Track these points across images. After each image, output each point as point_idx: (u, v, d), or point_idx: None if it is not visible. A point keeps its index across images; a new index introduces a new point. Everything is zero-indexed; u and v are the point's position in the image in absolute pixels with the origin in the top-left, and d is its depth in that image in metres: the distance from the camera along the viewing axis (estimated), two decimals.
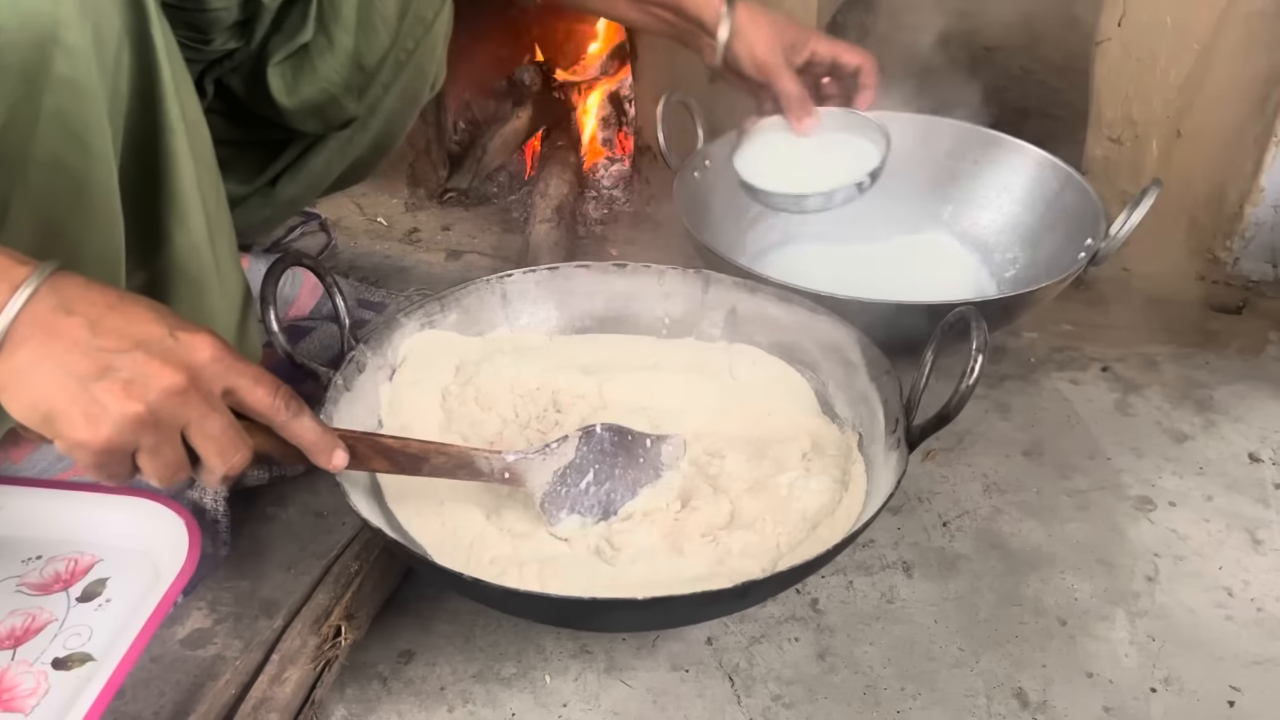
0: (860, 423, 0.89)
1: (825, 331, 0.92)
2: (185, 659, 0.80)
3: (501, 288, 0.96)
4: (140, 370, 0.56)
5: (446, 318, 0.94)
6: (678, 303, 0.98)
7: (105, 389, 0.55)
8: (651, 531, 0.78)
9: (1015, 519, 0.95)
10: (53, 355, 0.55)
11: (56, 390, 0.55)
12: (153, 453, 0.58)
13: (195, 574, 0.82)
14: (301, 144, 0.98)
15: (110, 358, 0.56)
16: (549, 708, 0.76)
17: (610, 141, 1.52)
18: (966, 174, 1.27)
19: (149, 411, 0.56)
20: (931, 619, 0.85)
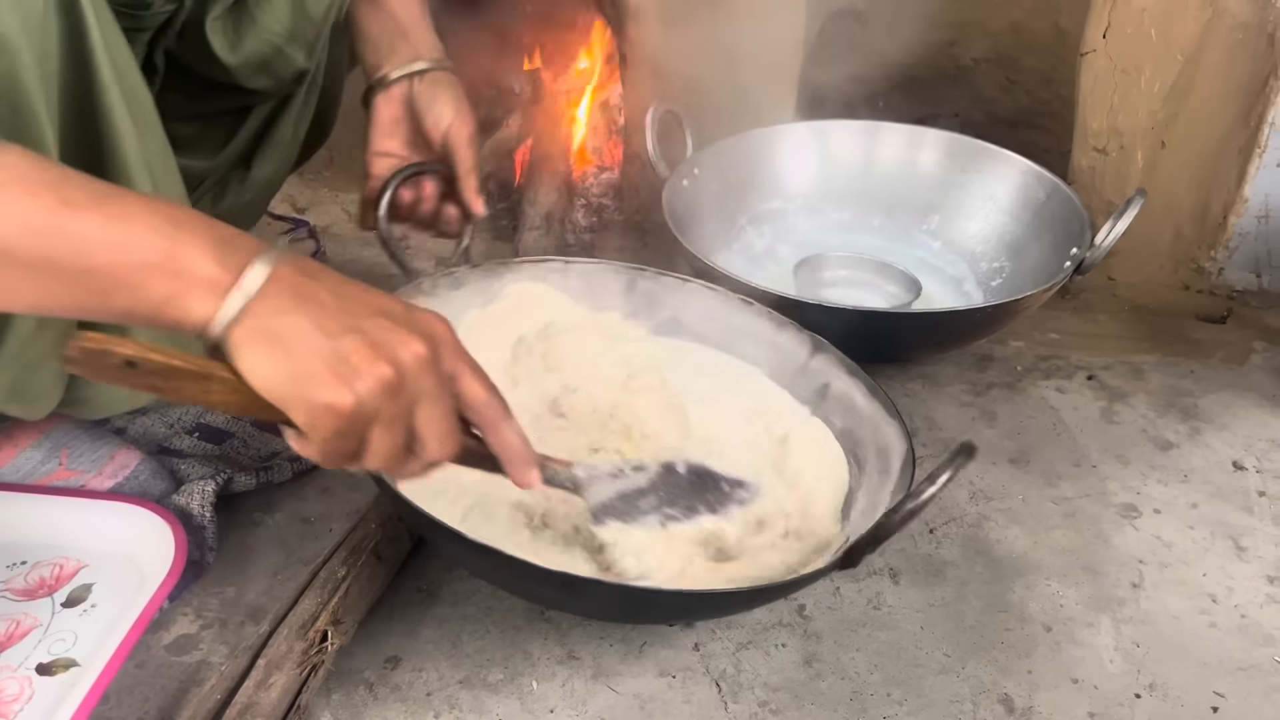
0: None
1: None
2: (170, 665, 0.79)
3: (629, 277, 0.98)
4: (387, 335, 0.56)
5: (566, 281, 0.97)
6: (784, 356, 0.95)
7: (355, 348, 0.55)
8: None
9: (1001, 526, 0.95)
10: (304, 313, 0.55)
11: (307, 348, 0.54)
12: (388, 427, 0.57)
13: (181, 580, 0.81)
14: (263, 112, 0.96)
15: (358, 320, 0.56)
16: (535, 713, 0.76)
17: (600, 150, 1.52)
18: (953, 184, 1.28)
19: (396, 376, 0.56)
20: (918, 625, 0.85)
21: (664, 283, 0.98)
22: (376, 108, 0.93)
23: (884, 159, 1.32)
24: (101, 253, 0.53)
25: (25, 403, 0.78)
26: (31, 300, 0.55)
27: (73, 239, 0.52)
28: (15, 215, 0.52)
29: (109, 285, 0.53)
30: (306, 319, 0.55)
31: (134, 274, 0.53)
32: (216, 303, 0.54)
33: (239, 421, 1.00)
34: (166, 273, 0.53)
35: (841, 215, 1.32)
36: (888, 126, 1.31)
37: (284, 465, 0.95)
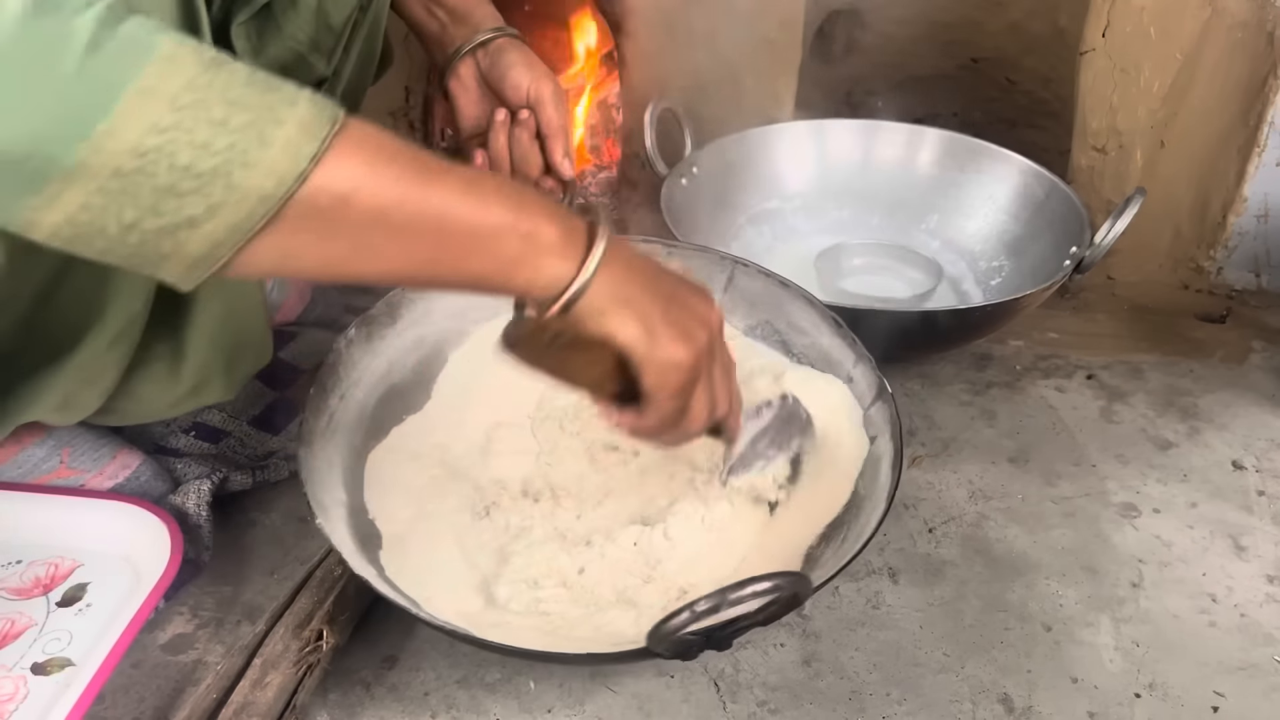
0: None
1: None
2: (166, 664, 0.79)
3: (731, 271, 0.98)
4: (692, 304, 0.64)
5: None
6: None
7: (681, 315, 0.62)
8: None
9: (1001, 525, 0.95)
10: (640, 283, 0.61)
11: (653, 312, 0.61)
12: (707, 385, 0.65)
13: (177, 579, 0.81)
14: None
15: (672, 289, 0.63)
16: (533, 713, 0.76)
17: (598, 149, 1.52)
18: (952, 183, 1.28)
19: (709, 340, 0.64)
20: (917, 625, 0.85)
21: (764, 280, 0.96)
22: (455, 96, 0.95)
23: (883, 158, 1.32)
24: (462, 216, 0.56)
25: (67, 413, 0.79)
26: (393, 263, 0.56)
27: (437, 203, 0.55)
28: (384, 180, 0.53)
29: (467, 247, 0.57)
30: (644, 287, 0.61)
31: (490, 236, 0.56)
32: (568, 266, 0.58)
33: (235, 420, 0.99)
34: (518, 235, 0.57)
35: (840, 214, 1.32)
36: (886, 126, 1.31)
37: (280, 464, 0.95)
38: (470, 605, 0.77)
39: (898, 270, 1.24)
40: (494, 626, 0.73)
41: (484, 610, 0.76)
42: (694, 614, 0.61)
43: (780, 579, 0.63)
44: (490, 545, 0.82)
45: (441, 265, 0.57)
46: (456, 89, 0.95)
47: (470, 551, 0.81)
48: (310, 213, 0.52)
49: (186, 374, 0.80)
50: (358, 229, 0.54)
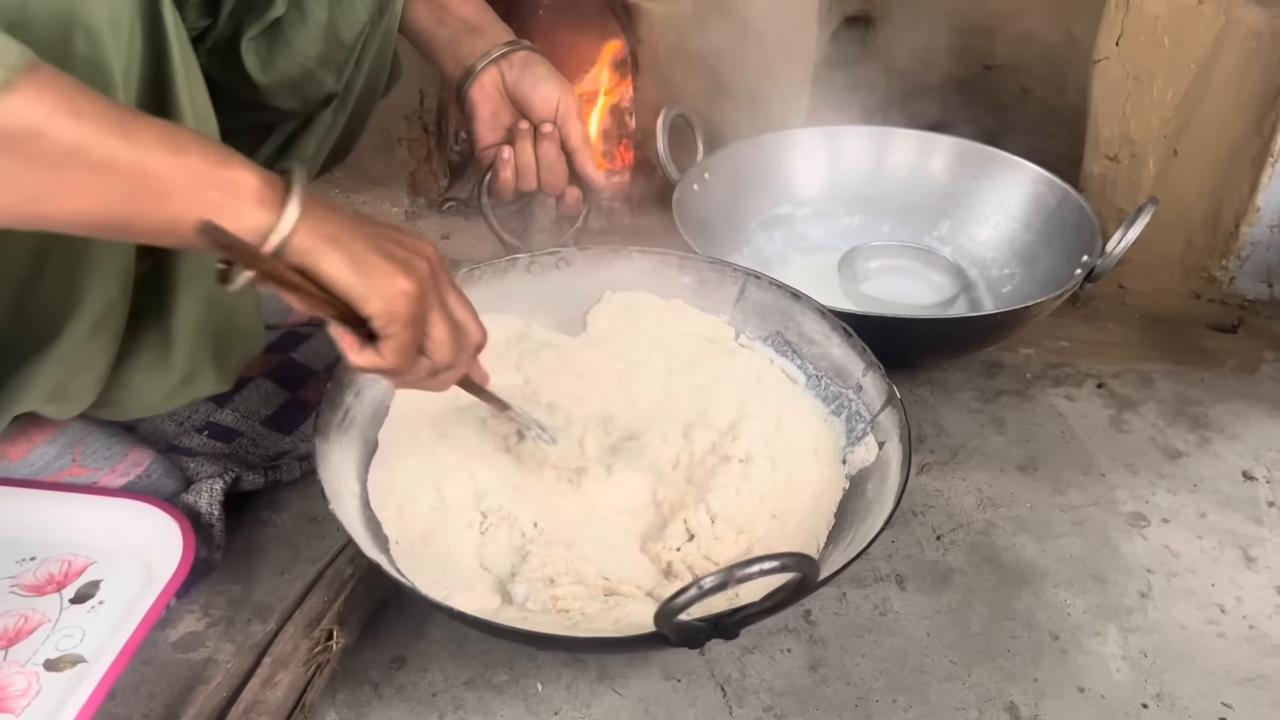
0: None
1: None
2: (177, 662, 0.80)
3: (743, 283, 0.98)
4: (405, 241, 0.65)
5: (680, 276, 0.99)
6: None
7: (395, 247, 0.64)
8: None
9: (1009, 533, 0.95)
10: (347, 226, 0.62)
11: (363, 246, 0.62)
12: (440, 311, 0.66)
13: (189, 578, 0.82)
14: (287, 128, 0.98)
15: (377, 228, 0.65)
16: (540, 715, 0.76)
17: (610, 154, 1.52)
18: (964, 190, 1.29)
19: (429, 270, 0.65)
20: (924, 631, 0.85)
21: (776, 292, 0.96)
22: (474, 103, 0.96)
23: (895, 164, 1.32)
24: (162, 160, 0.57)
25: (61, 404, 0.80)
26: (90, 202, 0.57)
27: (138, 142, 0.57)
28: (85, 120, 0.55)
29: (166, 189, 0.58)
30: (348, 227, 0.62)
31: (190, 180, 0.58)
32: (271, 213, 0.59)
33: (248, 420, 1.00)
34: (218, 183, 0.59)
35: (852, 220, 1.32)
36: (899, 132, 1.31)
37: (292, 464, 0.95)
38: (488, 603, 0.77)
39: (921, 274, 1.25)
40: (512, 623, 0.73)
41: (501, 608, 0.77)
42: (700, 590, 0.61)
43: (787, 558, 0.63)
44: (505, 544, 0.82)
45: (140, 207, 0.58)
46: (478, 96, 0.95)
47: (485, 551, 0.81)
48: (3, 140, 0.53)
49: (177, 363, 0.81)
50: (53, 163, 0.55)
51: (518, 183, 0.98)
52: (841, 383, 0.91)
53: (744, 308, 0.98)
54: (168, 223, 0.59)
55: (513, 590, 0.78)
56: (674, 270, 0.99)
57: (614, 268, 0.99)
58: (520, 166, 0.97)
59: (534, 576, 0.78)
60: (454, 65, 0.97)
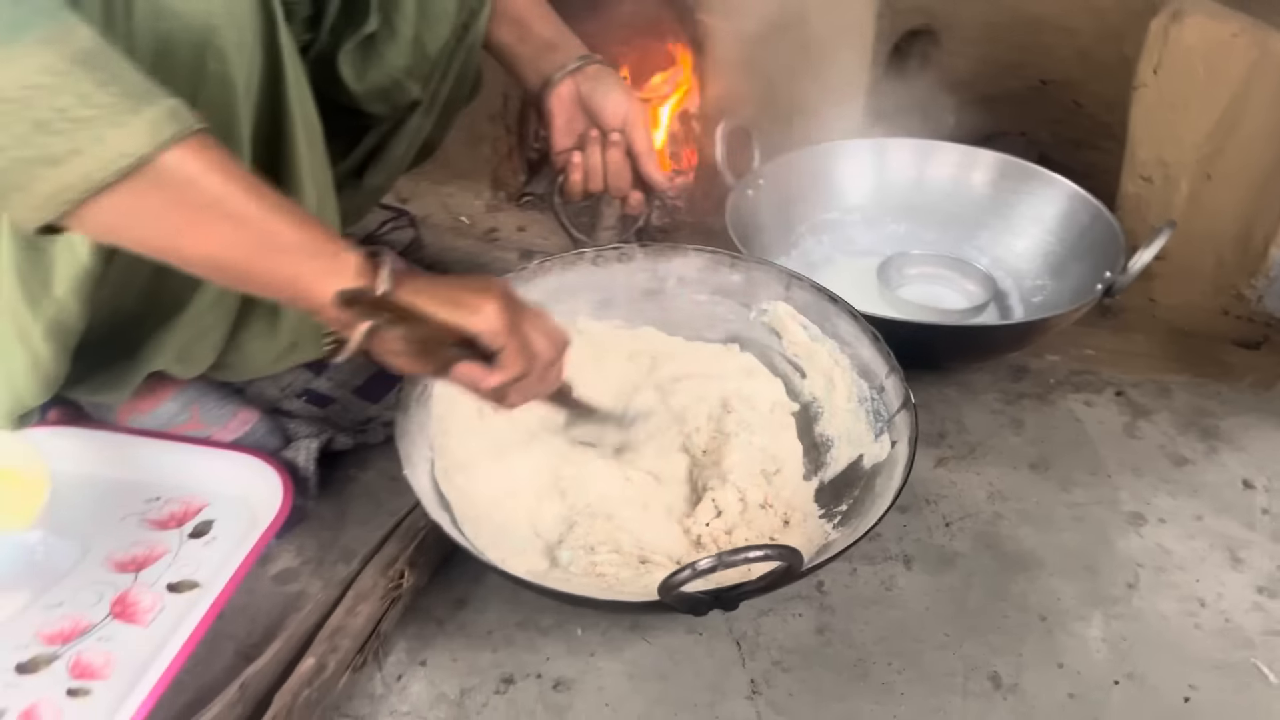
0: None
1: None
2: (274, 593, 0.94)
3: (787, 282, 1.08)
4: (475, 280, 0.79)
5: (730, 275, 1.10)
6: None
7: (471, 284, 0.77)
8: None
9: (1013, 524, 1.04)
10: (429, 284, 0.76)
11: (449, 290, 0.76)
12: (529, 322, 0.79)
13: (286, 522, 0.95)
14: (379, 132, 1.09)
15: (454, 278, 0.81)
16: (578, 655, 0.89)
17: (677, 155, 1.63)
18: (1004, 203, 1.37)
19: (504, 292, 0.78)
20: (924, 607, 0.95)
21: (815, 294, 1.06)
22: (551, 111, 1.07)
23: (939, 176, 1.40)
24: (287, 223, 0.70)
25: (186, 365, 0.93)
26: (220, 244, 0.70)
27: (270, 207, 0.70)
28: (231, 178, 0.68)
29: (286, 249, 0.70)
30: (430, 282, 0.76)
31: (307, 245, 0.71)
32: (367, 281, 0.72)
33: (341, 389, 1.14)
34: (328, 253, 0.72)
35: (897, 227, 1.41)
36: (944, 146, 1.40)
37: (377, 429, 1.09)
38: (538, 565, 0.90)
39: (954, 281, 1.34)
40: (556, 584, 0.85)
41: (549, 570, 0.90)
42: (695, 571, 0.73)
43: (771, 550, 0.74)
44: (555, 515, 0.95)
45: (261, 260, 0.70)
46: (555, 106, 1.07)
47: (537, 520, 0.94)
48: (157, 183, 0.65)
49: (283, 332, 0.94)
50: (197, 207, 0.67)
51: (587, 184, 1.09)
52: (867, 382, 1.01)
53: (788, 304, 1.08)
54: (282, 280, 0.72)
55: (559, 555, 0.91)
56: (726, 268, 1.10)
57: (671, 264, 1.10)
58: (589, 170, 1.08)
59: (578, 544, 0.91)
60: (534, 77, 1.08)
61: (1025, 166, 1.35)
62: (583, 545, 0.91)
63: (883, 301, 1.28)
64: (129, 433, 1.02)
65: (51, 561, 0.81)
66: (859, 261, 1.37)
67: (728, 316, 1.10)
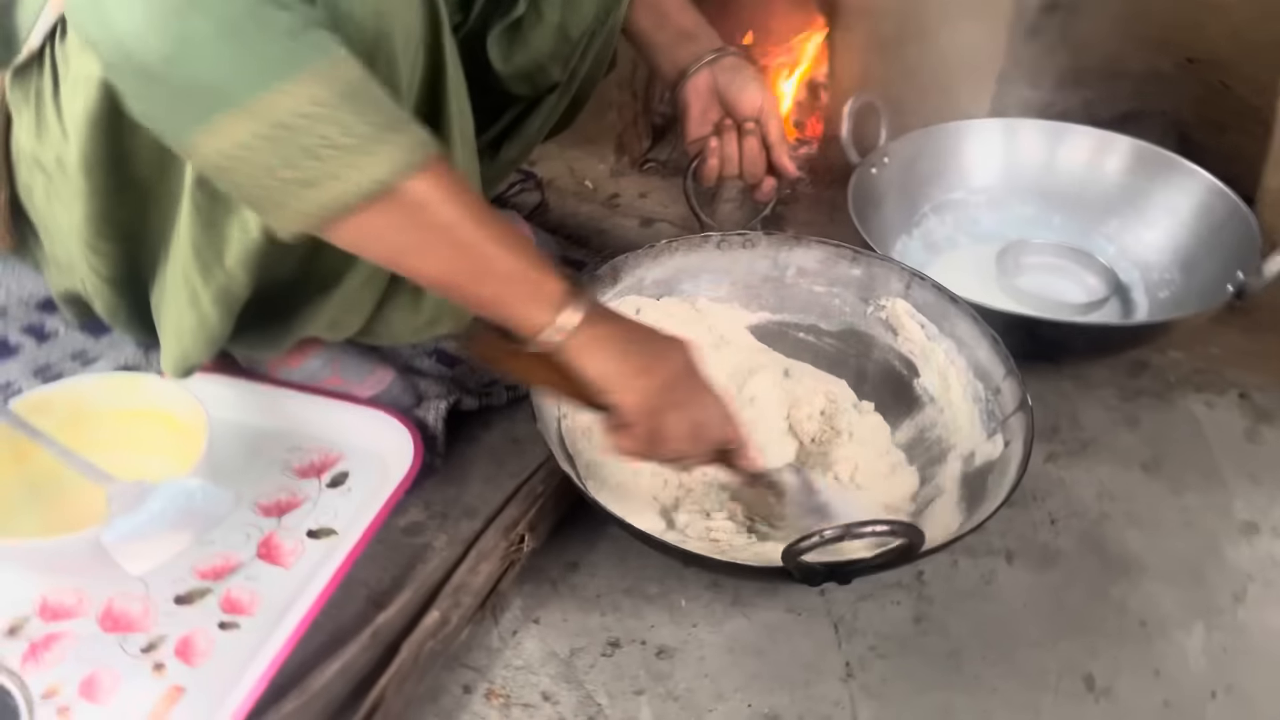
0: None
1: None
2: (403, 544, 1.00)
3: (908, 280, 1.08)
4: (661, 348, 0.83)
5: (850, 270, 1.11)
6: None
7: (643, 355, 0.81)
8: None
9: (1120, 526, 1.04)
10: (612, 330, 0.80)
11: (621, 355, 0.80)
12: (679, 413, 0.82)
13: (417, 477, 1.00)
14: (516, 109, 1.13)
15: (639, 335, 0.83)
16: (680, 625, 0.93)
17: (802, 125, 1.63)
18: (1138, 191, 1.33)
19: (671, 375, 0.82)
20: (1022, 603, 0.96)
21: (935, 294, 1.06)
22: (687, 101, 1.11)
23: (1071, 160, 1.37)
24: (501, 255, 0.75)
25: (335, 331, 0.99)
26: (439, 267, 0.76)
27: (486, 235, 0.74)
28: (459, 206, 0.73)
29: (494, 274, 0.76)
30: (614, 332, 0.80)
31: (514, 272, 0.76)
32: (555, 314, 0.77)
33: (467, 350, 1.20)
34: (532, 281, 0.77)
35: (1024, 210, 1.39)
36: (1077, 129, 1.37)
37: (501, 391, 1.14)
38: (654, 526, 0.95)
39: (1075, 274, 1.32)
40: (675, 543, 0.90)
41: (665, 532, 0.95)
42: (822, 538, 0.77)
43: (897, 525, 0.78)
44: (674, 481, 1.00)
45: (471, 281, 0.76)
46: (691, 95, 1.09)
47: (656, 485, 0.99)
48: (397, 206, 0.70)
49: (425, 308, 0.99)
50: (426, 231, 0.72)
51: (722, 170, 1.12)
52: (983, 383, 1.02)
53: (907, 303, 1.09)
54: (486, 298, 0.77)
55: (675, 518, 0.95)
56: (846, 262, 1.11)
57: (793, 253, 1.12)
58: (725, 157, 1.12)
59: (694, 510, 0.96)
60: (669, 66, 1.11)
61: (1162, 155, 1.31)
62: (699, 510, 0.96)
63: (1000, 291, 1.28)
64: (277, 384, 1.10)
65: (209, 508, 0.89)
66: (980, 247, 1.35)
67: (844, 309, 1.11)
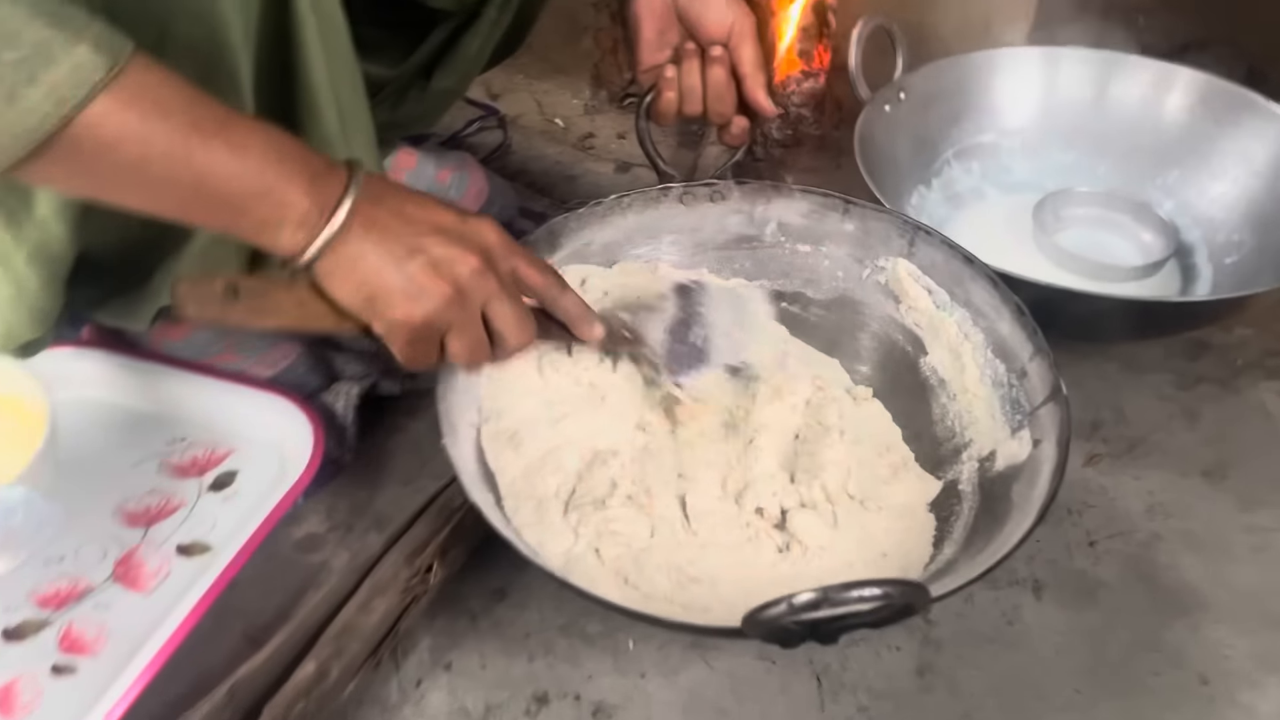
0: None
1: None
2: (296, 562, 0.83)
3: (911, 236, 0.88)
4: (444, 252, 0.64)
5: (841, 224, 0.91)
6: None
7: (418, 270, 0.63)
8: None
9: (1175, 550, 0.85)
10: (372, 241, 0.63)
11: (377, 274, 0.63)
12: (460, 331, 0.67)
13: (317, 478, 0.84)
14: (450, 25, 0.94)
15: (419, 240, 0.64)
16: (626, 674, 0.76)
17: (808, 54, 1.41)
18: (1203, 136, 1.12)
19: (456, 291, 0.65)
20: (1052, 650, 0.78)
21: (946, 252, 0.86)
22: (639, 21, 0.89)
23: (1123, 98, 1.16)
24: (220, 180, 0.59)
25: None
26: (139, 204, 0.61)
27: (198, 165, 0.58)
28: (152, 135, 0.57)
29: (219, 207, 0.60)
30: (377, 247, 0.63)
31: (242, 200, 0.60)
32: (307, 236, 0.62)
33: None
34: (269, 203, 0.61)
35: (1064, 157, 1.18)
36: (1131, 60, 1.15)
37: (429, 374, 0.96)
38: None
39: (1128, 230, 1.12)
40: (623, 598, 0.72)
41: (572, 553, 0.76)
42: (791, 608, 0.58)
43: (891, 587, 0.58)
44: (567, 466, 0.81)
45: (189, 215, 0.62)
46: (643, 12, 0.88)
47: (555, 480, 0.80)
48: (70, 153, 0.55)
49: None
50: (113, 172, 0.58)
51: (681, 106, 0.91)
52: (1005, 364, 0.82)
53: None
54: (219, 229, 0.62)
55: (569, 518, 0.77)
56: (837, 215, 0.90)
57: (772, 206, 0.92)
58: (686, 90, 0.90)
59: (586, 501, 0.77)
60: None
61: (1233, 91, 1.10)
62: (591, 500, 0.77)
63: (1037, 250, 1.08)
64: (157, 360, 0.92)
65: (31, 526, 0.72)
66: (1013, 198, 1.15)
67: (835, 273, 0.91)
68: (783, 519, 0.78)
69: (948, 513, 0.79)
